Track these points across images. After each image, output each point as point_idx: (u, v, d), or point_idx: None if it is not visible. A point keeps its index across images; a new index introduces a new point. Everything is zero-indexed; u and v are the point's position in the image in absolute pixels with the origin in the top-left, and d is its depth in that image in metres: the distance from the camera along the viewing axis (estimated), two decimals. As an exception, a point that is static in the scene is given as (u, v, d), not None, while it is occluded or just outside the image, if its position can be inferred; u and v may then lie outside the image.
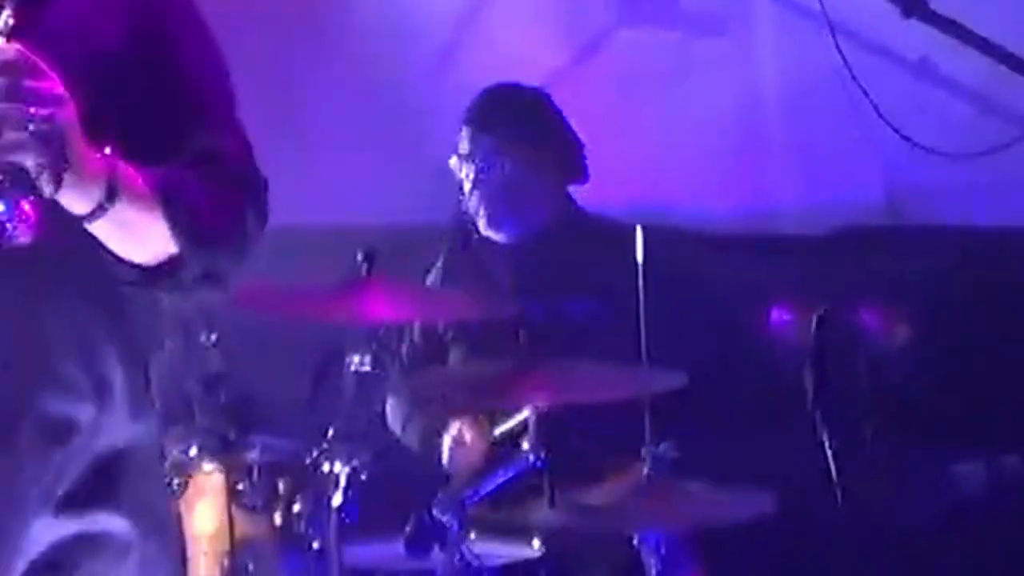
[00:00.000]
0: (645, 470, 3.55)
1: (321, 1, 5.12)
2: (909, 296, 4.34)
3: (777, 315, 3.85)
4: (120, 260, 2.33)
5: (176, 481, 3.87)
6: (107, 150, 2.19)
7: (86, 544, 2.36)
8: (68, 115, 2.14)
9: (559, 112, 4.48)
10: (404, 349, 4.51)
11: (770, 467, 3.80)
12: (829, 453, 3.57)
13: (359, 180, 5.03)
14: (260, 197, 2.48)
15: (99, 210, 2.21)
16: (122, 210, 2.24)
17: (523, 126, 4.45)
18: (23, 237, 2.06)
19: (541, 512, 3.74)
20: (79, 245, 2.32)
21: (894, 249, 4.68)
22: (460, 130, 4.41)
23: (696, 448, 3.76)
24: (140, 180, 2.27)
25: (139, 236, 2.32)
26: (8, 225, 2.06)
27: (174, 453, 3.86)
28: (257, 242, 2.48)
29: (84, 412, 2.37)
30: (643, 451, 3.56)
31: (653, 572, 3.53)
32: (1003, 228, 4.63)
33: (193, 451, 3.89)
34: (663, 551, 3.54)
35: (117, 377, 2.42)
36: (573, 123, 4.50)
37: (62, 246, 2.27)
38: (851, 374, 3.91)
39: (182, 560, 2.81)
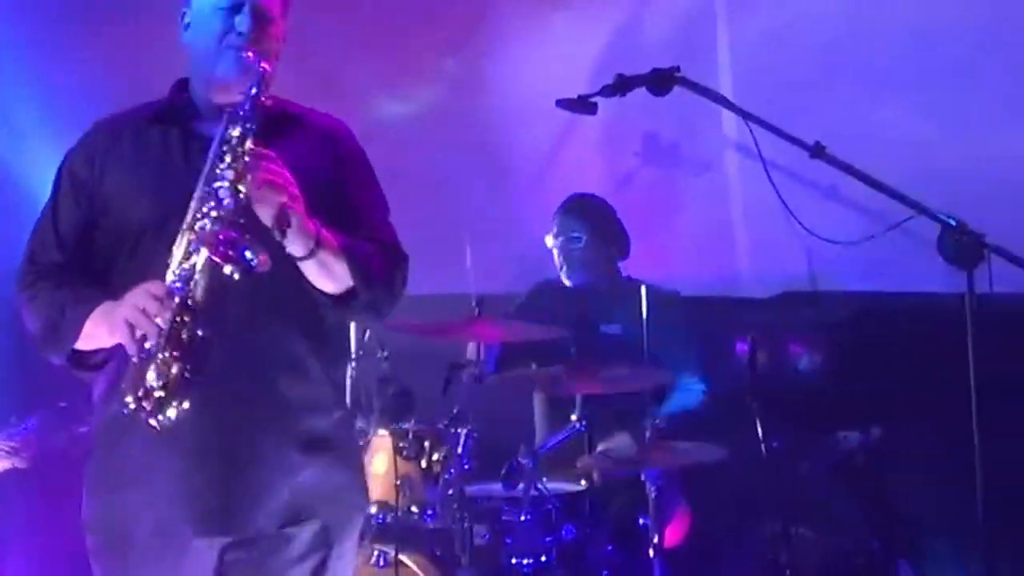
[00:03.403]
0: (647, 433, 3.86)
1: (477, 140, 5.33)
2: (822, 336, 4.45)
3: (740, 346, 3.97)
4: (318, 290, 2.61)
5: (361, 442, 4.13)
6: (317, 223, 2.53)
7: (321, 475, 2.66)
8: (297, 193, 2.47)
9: (615, 212, 4.78)
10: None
11: (724, 430, 3.94)
12: (758, 423, 3.73)
13: (475, 256, 4.99)
14: (403, 265, 2.76)
15: (310, 255, 2.51)
16: (323, 256, 2.53)
17: (594, 217, 4.74)
18: (262, 270, 2.35)
19: (584, 460, 4.03)
20: (287, 284, 2.55)
21: (813, 306, 4.79)
22: (553, 219, 4.75)
23: (680, 419, 4.14)
24: (335, 240, 2.57)
25: (331, 274, 2.58)
26: (254, 264, 2.34)
27: (361, 425, 4.23)
28: (402, 292, 2.73)
29: (292, 407, 2.63)
30: (646, 422, 3.87)
31: (652, 497, 3.81)
32: (879, 292, 4.66)
33: (372, 424, 4.25)
34: (659, 483, 3.82)
35: (320, 379, 2.68)
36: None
37: (274, 286, 2.50)
38: (780, 380, 4.09)
39: (364, 482, 2.87)
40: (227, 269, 2.35)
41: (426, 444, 4.17)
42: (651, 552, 3.78)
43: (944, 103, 4.47)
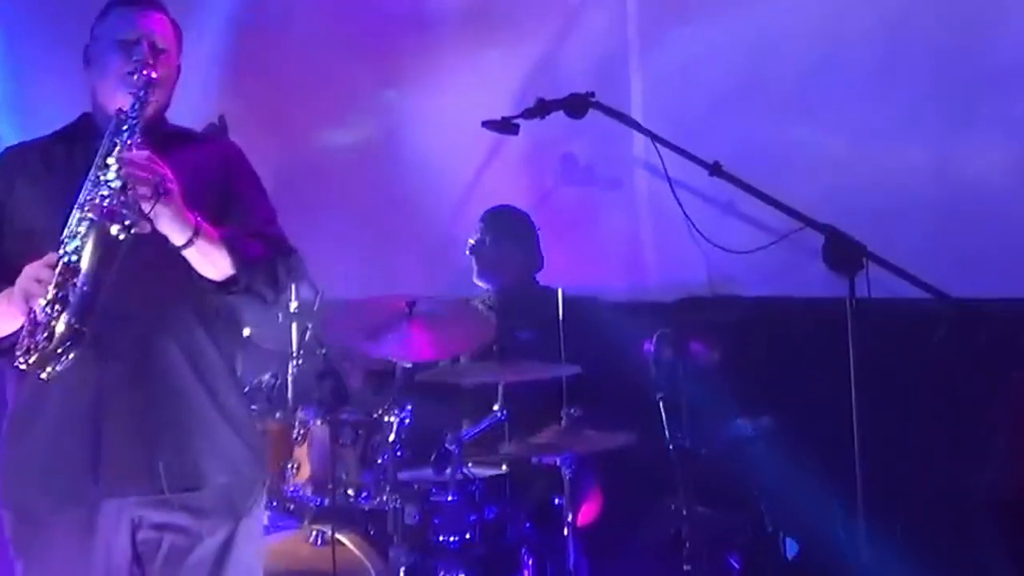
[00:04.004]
0: (563, 422, 4.01)
1: (398, 169, 5.50)
2: (719, 336, 4.44)
3: (647, 345, 3.99)
4: (202, 277, 2.72)
5: (301, 431, 4.25)
6: (197, 216, 2.64)
7: (219, 445, 2.80)
8: (174, 185, 2.57)
9: (530, 223, 4.88)
10: None
11: (632, 420, 4.00)
12: (663, 413, 3.82)
13: (410, 267, 5.27)
14: (289, 257, 2.87)
15: (189, 243, 2.61)
16: (203, 244, 2.63)
17: (497, 222, 4.85)
18: (143, 231, 2.49)
19: (505, 446, 4.20)
20: (184, 278, 2.67)
21: (712, 309, 4.88)
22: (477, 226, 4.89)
23: (593, 410, 4.19)
24: (214, 232, 2.68)
25: (213, 261, 2.69)
26: (135, 223, 2.48)
27: (301, 415, 4.30)
28: (288, 282, 2.85)
29: (189, 383, 2.76)
30: (562, 412, 4.02)
31: (567, 480, 3.91)
32: (770, 296, 4.74)
33: (311, 414, 4.29)
34: (573, 468, 3.92)
35: (214, 359, 2.82)
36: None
37: (174, 278, 2.67)
38: (681, 373, 3.94)
39: (262, 455, 2.98)
40: (113, 229, 2.49)
41: (360, 431, 4.24)
42: (566, 530, 3.91)
43: (841, 127, 4.61)
